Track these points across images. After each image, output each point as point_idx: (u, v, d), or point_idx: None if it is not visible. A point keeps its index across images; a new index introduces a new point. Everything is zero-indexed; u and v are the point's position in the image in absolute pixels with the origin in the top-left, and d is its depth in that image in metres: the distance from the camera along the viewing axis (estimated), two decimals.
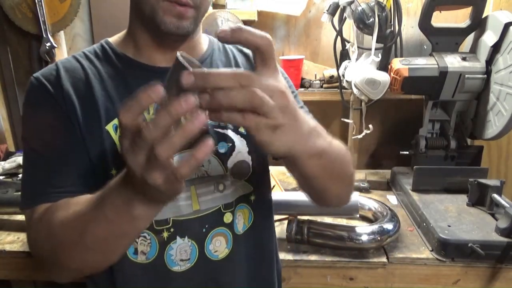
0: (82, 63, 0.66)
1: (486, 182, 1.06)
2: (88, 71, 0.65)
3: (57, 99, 0.62)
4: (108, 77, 0.65)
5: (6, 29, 1.47)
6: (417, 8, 1.46)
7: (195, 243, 0.66)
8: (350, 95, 1.51)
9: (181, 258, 0.65)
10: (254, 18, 1.43)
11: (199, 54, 0.71)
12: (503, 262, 0.91)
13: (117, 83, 0.65)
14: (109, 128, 0.63)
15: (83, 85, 0.64)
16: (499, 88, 1.11)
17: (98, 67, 0.66)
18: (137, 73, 0.66)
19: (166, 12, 0.59)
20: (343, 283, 0.97)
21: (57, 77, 0.63)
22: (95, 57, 0.67)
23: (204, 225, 0.66)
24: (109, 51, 0.68)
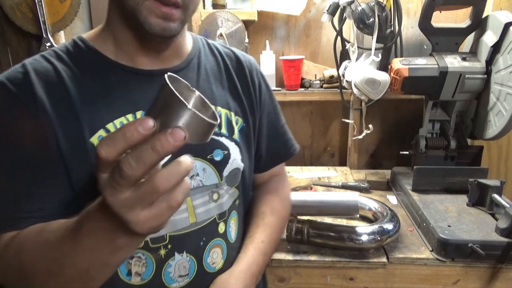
0: (54, 64, 0.57)
1: (486, 182, 1.06)
2: (63, 74, 0.56)
3: (28, 108, 0.53)
4: (86, 80, 0.57)
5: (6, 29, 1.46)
6: (417, 8, 1.46)
7: (193, 257, 0.63)
8: (350, 95, 1.51)
9: (179, 274, 0.62)
10: (254, 18, 1.43)
11: (185, 55, 0.66)
12: (503, 262, 0.91)
13: (98, 88, 0.57)
14: (94, 140, 0.55)
15: (59, 91, 0.55)
16: (499, 88, 1.11)
17: (73, 69, 0.58)
18: (119, 76, 0.59)
19: (150, 12, 0.53)
20: (343, 283, 0.97)
21: (27, 82, 0.54)
22: (68, 57, 0.59)
23: (202, 238, 0.63)
24: (84, 49, 0.60)
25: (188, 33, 0.70)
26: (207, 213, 0.64)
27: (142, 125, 0.32)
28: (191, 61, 0.66)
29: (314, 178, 1.46)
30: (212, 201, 0.64)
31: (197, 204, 0.62)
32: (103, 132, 0.56)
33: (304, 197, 1.12)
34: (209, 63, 0.69)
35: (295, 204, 1.08)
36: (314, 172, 1.53)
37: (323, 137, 1.68)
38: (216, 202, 0.65)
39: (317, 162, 1.70)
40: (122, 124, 0.56)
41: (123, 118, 0.57)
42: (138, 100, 0.59)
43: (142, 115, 0.53)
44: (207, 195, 0.64)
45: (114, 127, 0.56)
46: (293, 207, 1.08)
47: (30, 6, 1.39)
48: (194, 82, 0.65)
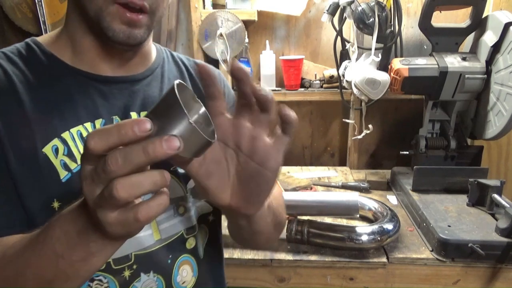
0: (4, 66, 0.52)
1: (486, 182, 1.06)
2: (13, 78, 0.51)
3: None
4: (40, 86, 0.52)
5: (6, 29, 1.47)
6: (417, 8, 1.46)
7: (161, 277, 0.58)
8: (350, 95, 1.51)
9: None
10: (254, 18, 1.43)
11: (149, 64, 0.63)
12: (503, 262, 0.91)
13: (53, 94, 0.53)
14: (47, 151, 0.50)
15: (8, 95, 0.50)
16: (499, 88, 1.11)
17: (26, 73, 0.52)
18: (77, 82, 0.55)
19: (114, 18, 0.49)
20: (343, 283, 0.97)
21: None
22: (20, 60, 0.54)
23: (168, 255, 0.59)
24: (39, 53, 0.55)
25: (152, 44, 0.67)
26: (173, 228, 0.59)
27: (139, 125, 0.31)
28: (155, 70, 0.63)
29: (314, 178, 1.46)
30: (177, 215, 0.60)
31: (161, 219, 0.58)
32: (58, 142, 0.51)
33: (304, 197, 1.12)
34: (172, 73, 0.66)
35: (295, 204, 1.08)
36: (314, 172, 1.53)
37: (323, 137, 1.68)
38: (182, 216, 0.61)
39: (317, 162, 1.70)
40: (79, 133, 0.52)
41: (81, 127, 0.53)
42: (98, 108, 0.55)
43: (102, 124, 0.52)
44: (172, 209, 0.59)
45: (70, 136, 0.52)
46: (293, 207, 1.08)
47: (30, 6, 1.39)
48: (158, 90, 0.62)
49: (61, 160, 0.50)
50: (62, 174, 0.50)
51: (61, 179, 0.50)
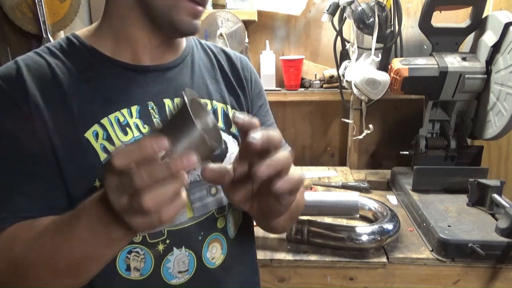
0: (47, 59, 0.57)
1: (486, 182, 1.06)
2: (56, 69, 0.56)
3: (19, 104, 0.53)
4: (80, 76, 0.57)
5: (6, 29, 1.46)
6: (417, 8, 1.46)
7: (192, 252, 0.62)
8: (350, 95, 1.51)
9: (179, 270, 0.61)
10: (254, 18, 1.43)
11: (180, 52, 0.67)
12: (503, 262, 0.91)
13: (92, 83, 0.57)
14: (89, 135, 0.55)
15: (52, 86, 0.55)
16: (499, 88, 1.11)
17: (67, 64, 0.57)
18: (114, 71, 0.59)
19: (183, 12, 0.55)
20: (343, 283, 0.97)
21: (19, 78, 0.54)
22: (61, 53, 0.58)
23: (200, 233, 0.63)
24: (78, 45, 0.59)
25: None
26: (205, 207, 0.63)
27: (157, 144, 0.36)
28: (185, 57, 0.67)
29: (314, 178, 1.46)
30: (210, 195, 0.64)
31: (195, 198, 0.62)
32: (97, 127, 0.55)
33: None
34: (202, 60, 0.70)
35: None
36: (314, 172, 1.53)
37: (323, 137, 1.68)
38: (214, 196, 0.64)
39: (317, 162, 1.70)
40: (116, 118, 0.57)
41: (118, 113, 0.57)
42: (133, 95, 0.59)
43: (137, 111, 0.58)
44: (205, 189, 0.63)
45: (109, 122, 0.56)
46: None
47: (30, 6, 1.39)
48: (189, 78, 0.66)
49: (101, 144, 0.55)
50: (102, 157, 0.55)
51: (101, 161, 0.55)
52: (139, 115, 0.58)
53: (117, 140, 0.56)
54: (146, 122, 0.59)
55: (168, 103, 0.61)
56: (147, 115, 0.59)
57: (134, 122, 0.58)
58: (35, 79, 0.55)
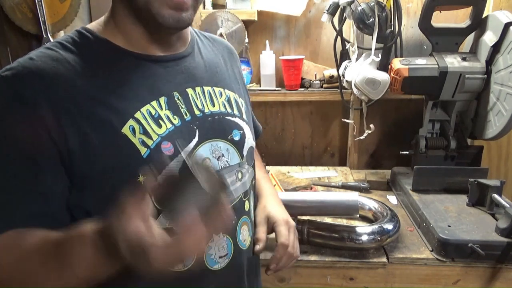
0: (64, 55, 0.54)
1: (486, 182, 1.06)
2: (76, 66, 0.53)
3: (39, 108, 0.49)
4: (101, 70, 0.55)
5: (6, 29, 1.46)
6: (417, 8, 1.46)
7: (229, 237, 0.64)
8: (350, 95, 1.51)
9: (220, 255, 0.63)
10: (254, 18, 1.43)
11: (188, 41, 0.67)
12: (503, 262, 0.91)
13: (115, 77, 0.56)
14: (126, 131, 0.54)
15: (75, 84, 0.52)
16: (499, 88, 1.11)
17: (85, 59, 0.55)
18: (134, 64, 0.58)
19: (162, 4, 0.53)
20: (343, 283, 0.97)
21: (38, 78, 0.50)
22: (75, 47, 0.55)
23: (233, 217, 0.65)
24: (91, 38, 0.57)
25: None
26: (235, 192, 0.66)
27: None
28: (194, 47, 0.67)
29: (314, 178, 1.46)
30: (238, 180, 0.66)
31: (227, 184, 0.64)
32: (133, 122, 0.54)
33: (304, 197, 1.12)
34: (206, 49, 0.71)
35: (295, 204, 1.08)
36: (314, 172, 1.53)
37: (323, 137, 1.68)
38: (241, 181, 0.67)
39: (317, 162, 1.70)
40: (148, 112, 0.56)
41: (148, 106, 0.56)
42: (159, 87, 0.59)
43: (165, 101, 0.58)
44: (234, 174, 0.65)
45: (142, 115, 0.55)
46: (293, 207, 1.08)
47: (30, 6, 1.39)
48: (203, 66, 0.66)
49: (139, 139, 0.54)
50: (142, 151, 0.54)
51: (142, 156, 0.54)
52: (167, 106, 0.58)
53: (153, 133, 0.55)
54: (175, 113, 0.59)
55: (190, 92, 0.62)
56: (174, 105, 0.59)
57: (164, 113, 0.58)
58: (56, 76, 0.51)
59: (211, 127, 0.62)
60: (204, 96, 0.64)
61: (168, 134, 0.57)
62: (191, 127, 0.60)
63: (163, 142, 0.56)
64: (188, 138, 0.59)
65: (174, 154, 0.56)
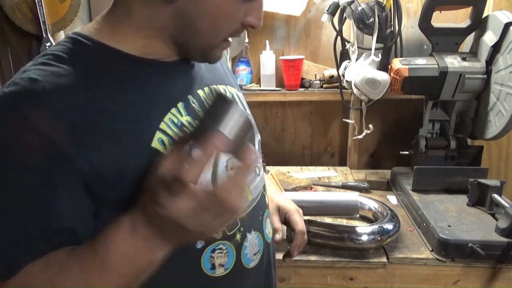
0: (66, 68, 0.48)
1: (486, 182, 1.06)
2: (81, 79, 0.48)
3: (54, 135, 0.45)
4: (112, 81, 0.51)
5: (6, 29, 1.46)
6: (417, 8, 1.45)
7: (258, 233, 0.65)
8: (350, 95, 1.51)
9: (254, 253, 0.64)
10: None
11: None
12: (503, 262, 0.91)
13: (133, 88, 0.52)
14: (156, 145, 0.50)
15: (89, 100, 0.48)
16: (499, 88, 1.11)
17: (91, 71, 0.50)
18: (150, 72, 0.54)
19: (220, 49, 0.57)
20: (343, 283, 0.97)
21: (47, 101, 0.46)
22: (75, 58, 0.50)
23: (259, 212, 0.66)
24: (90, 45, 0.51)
25: None
26: (257, 187, 0.66)
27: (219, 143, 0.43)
28: None
29: (314, 178, 1.46)
30: (256, 175, 0.66)
31: (249, 180, 0.64)
32: (160, 134, 0.51)
33: (304, 197, 1.12)
34: None
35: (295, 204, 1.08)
36: (314, 172, 1.53)
37: (323, 137, 1.67)
38: (259, 176, 0.67)
39: (317, 162, 1.70)
40: (171, 120, 0.53)
41: (170, 114, 0.54)
42: (173, 92, 0.56)
43: (183, 107, 0.57)
44: (253, 170, 0.65)
45: (167, 125, 0.52)
46: None
47: (30, 6, 1.39)
48: (205, 67, 0.65)
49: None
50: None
51: None
52: (186, 112, 0.56)
53: None
54: (195, 118, 0.56)
55: (201, 94, 0.60)
56: (192, 110, 0.57)
57: (186, 120, 0.55)
58: (66, 95, 0.46)
59: None
60: (213, 96, 0.63)
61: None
62: None
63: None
64: None
65: None
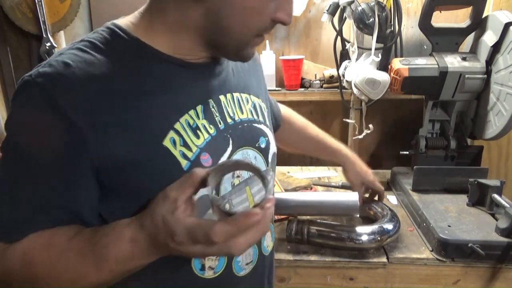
0: (98, 57, 0.51)
1: (486, 182, 1.06)
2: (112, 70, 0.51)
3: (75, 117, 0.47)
4: (138, 75, 0.52)
5: (6, 29, 1.47)
6: (417, 8, 1.45)
7: (255, 244, 0.65)
8: (350, 95, 1.51)
9: (246, 262, 0.64)
10: None
11: None
12: (503, 262, 0.91)
13: (156, 85, 0.53)
14: (167, 143, 0.52)
15: (114, 91, 0.50)
16: (499, 88, 1.11)
17: (122, 62, 0.52)
18: (175, 71, 0.56)
19: (252, 46, 0.56)
20: (343, 283, 0.97)
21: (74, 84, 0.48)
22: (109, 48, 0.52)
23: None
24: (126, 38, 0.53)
25: None
26: (262, 199, 0.65)
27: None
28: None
29: (314, 178, 1.46)
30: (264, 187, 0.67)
31: (254, 191, 0.63)
32: (173, 134, 0.53)
33: (304, 197, 1.11)
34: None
35: (295, 204, 1.08)
36: (314, 172, 1.53)
37: None
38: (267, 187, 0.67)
39: (317, 162, 1.70)
40: (187, 122, 0.55)
41: (187, 116, 0.55)
42: (195, 94, 0.57)
43: (202, 110, 0.57)
44: (261, 182, 0.64)
45: (181, 126, 0.54)
46: (293, 207, 1.08)
47: (30, 6, 1.39)
48: (232, 73, 0.66)
49: (180, 151, 0.53)
50: (183, 164, 0.53)
51: (183, 168, 0.53)
52: (204, 115, 0.57)
53: (192, 144, 0.54)
54: (211, 122, 0.57)
55: (223, 100, 0.61)
56: (210, 114, 0.58)
57: (201, 123, 0.56)
58: (93, 82, 0.49)
59: (242, 135, 0.62)
60: (234, 103, 0.63)
61: (206, 145, 0.56)
62: (225, 136, 0.59)
63: (202, 153, 0.55)
64: (223, 147, 0.59)
65: (212, 165, 0.55)
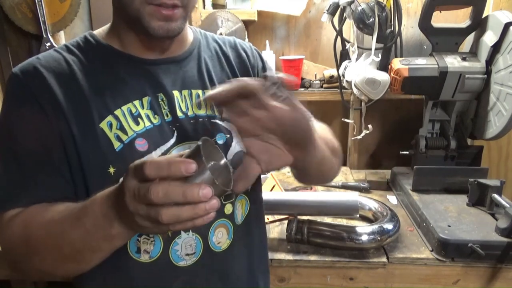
0: (65, 56, 0.62)
1: (486, 182, 1.06)
2: (73, 66, 0.62)
3: (40, 99, 0.58)
4: (95, 70, 0.62)
5: (6, 29, 1.46)
6: (417, 8, 1.46)
7: (199, 236, 0.65)
8: (350, 95, 1.51)
9: (186, 253, 0.65)
10: (254, 18, 1.43)
11: (186, 46, 0.70)
12: (503, 262, 0.91)
13: (106, 77, 0.62)
14: (104, 126, 0.60)
15: (69, 81, 0.60)
16: (499, 88, 1.11)
17: (83, 61, 0.63)
18: (127, 66, 0.64)
19: (152, 17, 0.57)
20: (343, 283, 0.97)
21: (39, 74, 0.59)
22: (78, 50, 0.64)
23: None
24: (93, 43, 0.65)
25: (188, 27, 0.73)
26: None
27: (187, 168, 0.39)
28: (192, 51, 0.70)
29: None
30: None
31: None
32: (111, 118, 0.60)
33: (304, 197, 1.12)
34: (207, 53, 0.73)
35: (295, 204, 1.08)
36: None
37: None
38: None
39: None
40: (129, 110, 0.62)
41: (130, 104, 0.62)
42: (144, 87, 0.64)
43: (148, 102, 0.63)
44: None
45: (122, 113, 0.61)
46: (293, 207, 1.08)
47: (30, 6, 1.39)
48: (196, 70, 0.69)
49: (115, 134, 0.60)
50: (116, 145, 0.60)
51: (115, 149, 0.59)
52: (149, 106, 0.63)
53: (129, 129, 0.60)
54: (155, 113, 0.63)
55: (176, 95, 0.65)
56: (157, 106, 0.64)
57: (145, 112, 0.62)
58: (54, 76, 0.60)
59: (193, 129, 0.65)
60: (191, 99, 0.67)
61: (144, 132, 0.61)
62: (171, 128, 0.64)
63: (138, 138, 0.60)
64: (165, 137, 0.63)
65: (148, 151, 0.60)
